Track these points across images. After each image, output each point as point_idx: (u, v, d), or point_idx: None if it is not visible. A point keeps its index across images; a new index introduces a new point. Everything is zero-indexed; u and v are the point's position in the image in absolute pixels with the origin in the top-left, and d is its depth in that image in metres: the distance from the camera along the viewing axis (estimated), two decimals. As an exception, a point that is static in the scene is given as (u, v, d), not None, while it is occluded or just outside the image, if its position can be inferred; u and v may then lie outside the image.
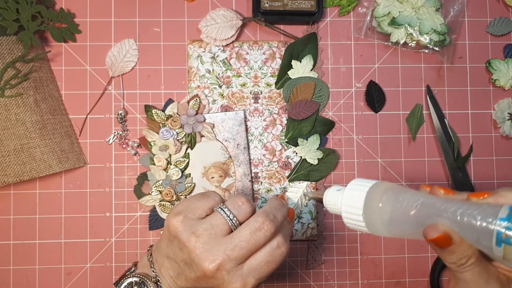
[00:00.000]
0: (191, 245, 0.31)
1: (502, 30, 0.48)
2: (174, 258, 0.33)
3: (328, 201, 0.33)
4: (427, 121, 0.47)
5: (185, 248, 0.31)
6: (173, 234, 0.32)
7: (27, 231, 0.45)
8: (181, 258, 0.32)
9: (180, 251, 0.32)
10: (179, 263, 0.32)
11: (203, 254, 0.31)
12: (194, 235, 0.31)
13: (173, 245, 0.33)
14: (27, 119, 0.42)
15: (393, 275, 0.46)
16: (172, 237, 0.32)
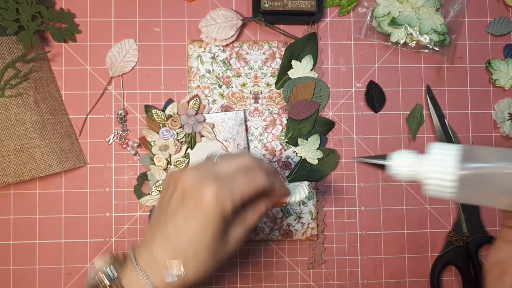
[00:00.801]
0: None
1: (502, 30, 0.48)
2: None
3: (400, 165, 0.30)
4: (427, 121, 0.47)
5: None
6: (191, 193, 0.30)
7: (27, 231, 0.45)
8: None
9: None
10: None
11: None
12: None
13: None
14: (27, 119, 0.42)
15: (393, 275, 0.46)
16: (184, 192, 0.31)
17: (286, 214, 0.46)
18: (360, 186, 0.46)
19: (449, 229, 0.47)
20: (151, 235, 0.31)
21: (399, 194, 0.47)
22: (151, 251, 0.31)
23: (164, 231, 0.30)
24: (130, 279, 0.30)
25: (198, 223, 0.29)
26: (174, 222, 0.30)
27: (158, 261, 0.30)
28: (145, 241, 0.32)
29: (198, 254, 0.30)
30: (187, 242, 0.30)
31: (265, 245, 0.46)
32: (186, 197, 0.30)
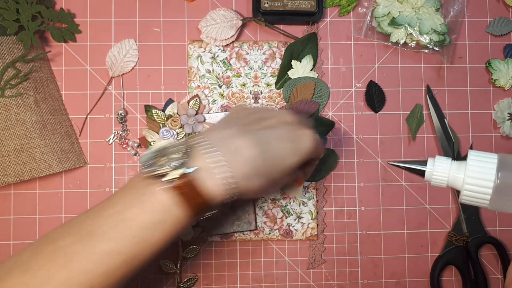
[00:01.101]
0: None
1: (502, 30, 0.48)
2: (247, 116, 0.33)
3: (440, 172, 0.31)
4: (427, 121, 0.47)
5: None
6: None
7: (27, 231, 0.45)
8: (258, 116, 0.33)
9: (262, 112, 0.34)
10: (256, 118, 0.33)
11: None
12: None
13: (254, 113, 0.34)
14: (27, 119, 0.42)
15: (393, 275, 0.46)
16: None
17: (286, 214, 0.46)
18: (360, 186, 0.46)
19: (449, 229, 0.47)
20: (231, 131, 0.30)
21: (399, 194, 0.47)
22: (231, 143, 0.30)
23: (254, 134, 0.30)
24: (203, 167, 0.28)
25: (291, 148, 0.32)
26: (271, 132, 0.31)
27: (239, 156, 0.29)
28: (218, 133, 0.31)
29: (274, 171, 0.31)
30: (271, 157, 0.31)
31: (265, 245, 0.46)
32: (288, 127, 0.32)
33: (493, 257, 0.47)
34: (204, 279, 0.45)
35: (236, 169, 0.29)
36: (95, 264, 0.28)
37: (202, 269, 0.45)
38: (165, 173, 0.28)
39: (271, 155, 0.30)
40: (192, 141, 0.30)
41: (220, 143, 0.29)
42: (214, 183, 0.28)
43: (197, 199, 0.28)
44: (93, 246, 0.28)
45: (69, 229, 0.29)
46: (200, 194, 0.28)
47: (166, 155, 0.29)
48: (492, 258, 0.47)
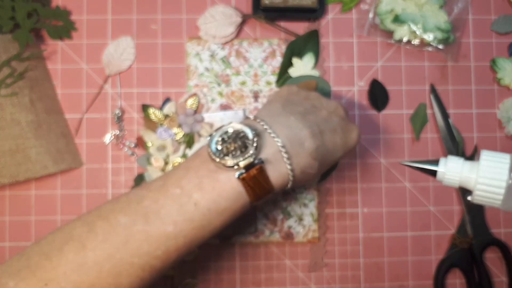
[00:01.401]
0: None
1: (507, 28, 0.47)
2: (301, 102, 0.33)
3: (452, 172, 0.31)
4: (431, 120, 0.47)
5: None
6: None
7: (22, 232, 0.44)
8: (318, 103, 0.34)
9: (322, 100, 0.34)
10: (310, 106, 0.33)
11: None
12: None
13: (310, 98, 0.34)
14: (22, 119, 0.42)
15: (396, 278, 0.46)
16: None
17: (286, 216, 0.45)
18: (362, 187, 0.46)
19: (453, 231, 0.46)
20: (296, 120, 0.30)
21: (402, 196, 0.46)
22: (295, 134, 0.30)
23: (313, 125, 0.31)
24: (269, 159, 0.29)
25: (341, 142, 0.32)
26: (327, 125, 0.32)
27: (300, 149, 0.30)
28: (280, 120, 0.30)
29: (325, 163, 0.32)
30: (327, 148, 0.31)
31: (265, 247, 0.45)
32: (342, 121, 0.33)
33: (498, 260, 0.46)
34: (203, 282, 0.45)
35: (297, 162, 0.29)
36: (154, 247, 0.27)
37: (201, 273, 0.45)
38: (236, 163, 0.28)
39: (326, 148, 0.31)
40: (258, 128, 0.30)
41: (284, 132, 0.30)
42: (277, 176, 0.29)
43: (260, 190, 0.28)
44: (155, 228, 0.27)
45: (125, 208, 0.28)
46: (263, 185, 0.28)
47: (235, 142, 0.29)
48: (497, 261, 0.46)
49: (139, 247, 0.27)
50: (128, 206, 0.28)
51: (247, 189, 0.28)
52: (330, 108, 0.33)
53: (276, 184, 0.29)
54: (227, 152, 0.28)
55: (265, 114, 0.31)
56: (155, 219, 0.27)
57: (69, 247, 0.27)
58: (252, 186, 0.28)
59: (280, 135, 0.29)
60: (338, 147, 0.32)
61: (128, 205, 0.28)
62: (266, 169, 0.28)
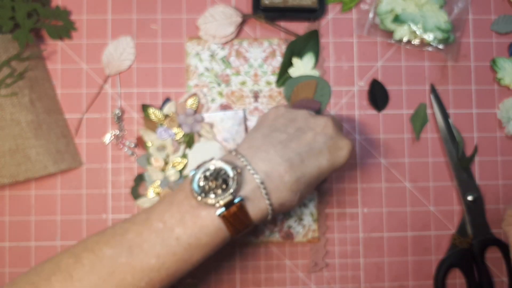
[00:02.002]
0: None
1: (507, 28, 0.47)
2: (285, 128, 0.33)
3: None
4: (431, 120, 0.47)
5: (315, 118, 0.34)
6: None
7: (22, 233, 0.44)
8: (299, 125, 0.33)
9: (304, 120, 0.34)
10: (294, 130, 0.33)
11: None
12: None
13: (291, 120, 0.34)
14: (22, 119, 0.42)
15: (396, 278, 0.46)
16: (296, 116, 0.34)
17: (286, 216, 0.45)
18: (362, 187, 0.46)
19: (453, 231, 0.46)
20: (275, 153, 0.31)
21: (402, 196, 0.46)
22: (275, 169, 0.30)
23: (293, 155, 0.31)
24: (248, 196, 0.30)
25: (327, 165, 0.32)
26: (309, 152, 0.32)
27: (280, 183, 0.30)
28: (259, 155, 0.31)
29: (309, 189, 0.33)
30: (309, 176, 0.31)
31: (265, 247, 0.45)
32: (329, 141, 0.33)
33: (498, 260, 0.46)
34: (203, 282, 0.44)
35: (276, 197, 0.31)
36: (138, 278, 0.28)
37: (201, 273, 0.45)
38: (215, 202, 0.29)
39: (309, 177, 0.31)
40: (238, 164, 0.31)
41: (263, 168, 0.30)
42: (256, 211, 0.30)
43: (240, 225, 0.30)
44: (139, 260, 0.28)
45: (111, 241, 0.29)
46: (243, 221, 0.30)
47: (216, 180, 0.30)
48: (497, 261, 0.46)
49: (124, 278, 0.28)
50: (113, 238, 0.29)
51: (227, 225, 0.29)
52: (317, 127, 0.33)
53: (256, 218, 0.30)
54: (209, 190, 0.29)
55: (246, 147, 0.32)
56: (139, 252, 0.28)
57: (57, 277, 0.28)
58: (232, 222, 0.29)
59: (259, 171, 0.30)
60: (324, 169, 0.32)
61: (113, 237, 0.29)
62: (246, 205, 0.30)
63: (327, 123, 0.33)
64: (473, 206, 0.45)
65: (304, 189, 0.32)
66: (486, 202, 0.46)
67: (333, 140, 0.33)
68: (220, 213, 0.29)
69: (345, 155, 0.33)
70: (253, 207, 0.30)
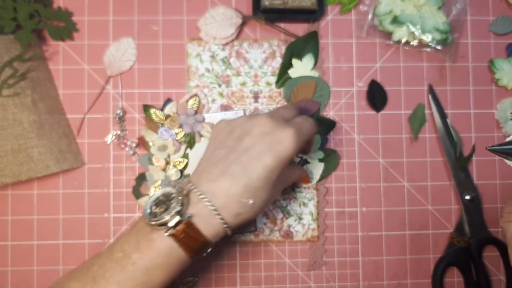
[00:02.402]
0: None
1: (504, 29, 0.47)
2: (225, 142, 0.34)
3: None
4: (429, 120, 0.47)
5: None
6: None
7: (25, 232, 0.44)
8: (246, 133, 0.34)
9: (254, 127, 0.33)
10: (233, 141, 0.33)
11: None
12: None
13: (239, 129, 0.34)
14: (24, 119, 0.42)
15: (395, 276, 0.46)
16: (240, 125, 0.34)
17: (286, 215, 0.45)
18: (361, 186, 0.46)
19: (451, 230, 0.46)
20: (217, 171, 0.32)
21: (401, 195, 0.46)
22: (218, 185, 0.32)
23: (234, 167, 0.32)
24: (197, 213, 0.31)
25: (273, 161, 0.32)
26: (248, 157, 0.32)
27: (227, 196, 0.31)
28: (203, 177, 0.33)
29: (264, 193, 0.32)
30: (257, 179, 0.32)
31: (265, 246, 0.45)
32: (267, 138, 0.32)
33: (496, 258, 0.46)
34: (204, 280, 0.45)
35: (227, 211, 0.31)
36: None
37: (202, 271, 0.45)
38: (163, 222, 0.31)
39: (257, 179, 0.32)
40: (185, 189, 0.32)
41: (208, 188, 0.32)
42: (208, 227, 0.31)
43: (193, 243, 0.31)
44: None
45: (78, 275, 0.32)
46: (195, 238, 0.31)
47: (164, 203, 0.32)
48: (494, 259, 0.46)
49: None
50: (81, 273, 0.32)
51: (179, 243, 0.31)
52: (254, 129, 0.33)
53: (211, 234, 0.32)
54: (158, 213, 0.31)
55: (194, 173, 0.34)
56: (100, 281, 0.31)
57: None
58: (183, 240, 0.31)
59: (205, 192, 0.32)
60: (272, 166, 0.32)
61: (81, 272, 0.32)
62: (196, 223, 0.31)
63: (262, 120, 0.33)
64: (471, 205, 0.46)
65: (260, 192, 0.32)
66: (483, 202, 0.46)
67: (273, 135, 0.32)
68: (168, 233, 0.30)
69: (288, 144, 0.32)
70: (204, 224, 0.31)
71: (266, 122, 0.33)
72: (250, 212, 0.32)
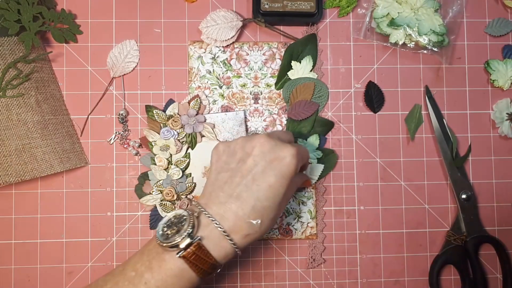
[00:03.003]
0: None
1: (500, 30, 0.48)
2: (228, 165, 0.34)
3: None
4: (426, 121, 0.47)
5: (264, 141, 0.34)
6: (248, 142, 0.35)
7: (28, 230, 0.45)
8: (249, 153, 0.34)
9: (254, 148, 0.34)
10: (236, 163, 0.34)
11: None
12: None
13: (240, 150, 0.35)
14: (28, 119, 0.42)
15: (392, 274, 0.46)
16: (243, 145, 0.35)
17: (285, 213, 0.46)
18: (359, 185, 0.47)
19: (448, 228, 0.47)
20: (224, 195, 0.33)
21: (398, 194, 0.47)
22: (227, 208, 0.32)
23: (240, 189, 0.33)
24: (207, 236, 0.32)
25: (277, 180, 0.33)
26: (253, 179, 0.33)
27: (236, 218, 0.32)
28: (213, 200, 0.33)
29: (272, 211, 0.33)
30: (264, 199, 0.32)
31: (264, 244, 0.46)
32: (268, 158, 0.33)
33: (492, 256, 0.47)
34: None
35: (236, 232, 0.32)
36: None
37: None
38: (175, 244, 0.31)
39: (264, 199, 0.32)
40: (195, 212, 0.33)
41: (217, 210, 0.33)
42: (219, 249, 0.32)
43: (203, 265, 0.31)
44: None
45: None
46: (205, 260, 0.31)
47: (175, 225, 0.32)
48: (490, 257, 0.47)
49: None
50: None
51: (189, 265, 0.31)
52: (254, 150, 0.34)
53: (220, 256, 0.32)
54: (171, 235, 0.32)
55: (203, 196, 0.35)
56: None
57: None
58: (194, 262, 0.31)
59: (214, 214, 0.32)
60: (276, 184, 0.33)
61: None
62: (206, 245, 0.31)
63: (261, 140, 0.34)
64: (467, 204, 0.46)
65: (267, 211, 0.33)
66: (479, 200, 0.47)
67: (273, 154, 0.33)
68: (179, 254, 0.31)
69: (289, 162, 0.33)
70: (214, 245, 0.32)
71: (265, 142, 0.34)
72: (259, 232, 0.33)
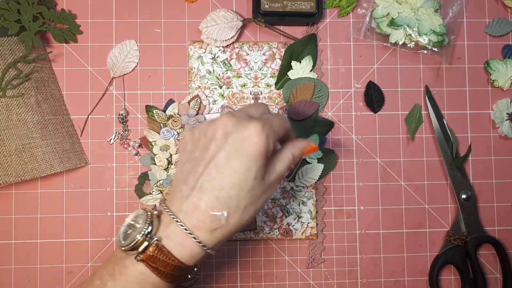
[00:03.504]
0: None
1: (500, 30, 0.48)
2: (192, 155, 0.31)
3: None
4: (426, 121, 0.47)
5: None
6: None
7: (28, 230, 0.45)
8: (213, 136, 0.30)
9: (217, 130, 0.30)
10: (200, 151, 0.30)
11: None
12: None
13: (205, 136, 0.31)
14: (28, 119, 0.43)
15: (392, 274, 0.46)
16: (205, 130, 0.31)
17: (285, 214, 0.46)
18: (359, 185, 0.47)
19: (448, 228, 0.47)
20: (187, 187, 0.29)
21: (398, 194, 0.47)
22: (189, 203, 0.29)
23: (202, 179, 0.29)
24: (168, 235, 0.29)
25: (242, 163, 0.28)
26: (215, 166, 0.29)
27: (198, 213, 0.28)
28: (176, 195, 0.30)
29: (241, 201, 0.29)
30: (229, 187, 0.28)
31: (265, 244, 0.46)
32: (230, 139, 0.29)
33: (492, 257, 0.47)
34: (205, 278, 0.45)
35: (199, 229, 0.29)
36: None
37: (203, 268, 0.45)
38: (132, 246, 0.28)
39: (230, 187, 0.29)
40: (156, 210, 0.30)
41: (180, 206, 0.29)
42: (182, 249, 0.29)
43: (166, 267, 0.28)
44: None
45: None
46: (167, 262, 0.28)
47: (133, 227, 0.29)
48: (490, 258, 0.47)
49: None
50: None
51: (151, 269, 0.28)
52: (216, 133, 0.30)
53: (184, 257, 0.29)
54: (125, 238, 0.29)
55: (168, 193, 0.32)
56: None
57: None
58: (155, 266, 0.28)
59: (176, 211, 0.29)
60: (243, 169, 0.29)
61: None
62: (166, 245, 0.28)
63: (223, 121, 0.30)
64: (467, 204, 0.46)
65: (235, 201, 0.29)
66: (479, 201, 0.47)
67: (236, 134, 0.29)
68: (137, 257, 0.28)
69: (256, 140, 0.29)
70: (176, 245, 0.28)
71: (227, 122, 0.30)
72: (230, 225, 0.29)
